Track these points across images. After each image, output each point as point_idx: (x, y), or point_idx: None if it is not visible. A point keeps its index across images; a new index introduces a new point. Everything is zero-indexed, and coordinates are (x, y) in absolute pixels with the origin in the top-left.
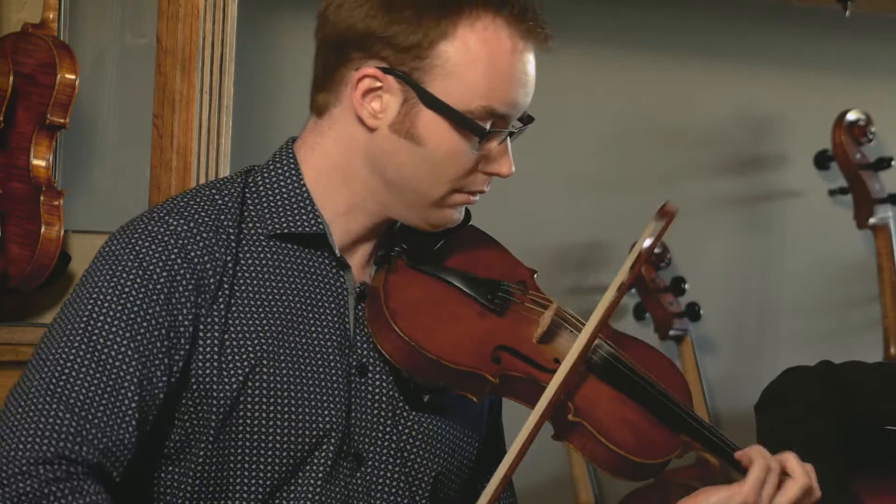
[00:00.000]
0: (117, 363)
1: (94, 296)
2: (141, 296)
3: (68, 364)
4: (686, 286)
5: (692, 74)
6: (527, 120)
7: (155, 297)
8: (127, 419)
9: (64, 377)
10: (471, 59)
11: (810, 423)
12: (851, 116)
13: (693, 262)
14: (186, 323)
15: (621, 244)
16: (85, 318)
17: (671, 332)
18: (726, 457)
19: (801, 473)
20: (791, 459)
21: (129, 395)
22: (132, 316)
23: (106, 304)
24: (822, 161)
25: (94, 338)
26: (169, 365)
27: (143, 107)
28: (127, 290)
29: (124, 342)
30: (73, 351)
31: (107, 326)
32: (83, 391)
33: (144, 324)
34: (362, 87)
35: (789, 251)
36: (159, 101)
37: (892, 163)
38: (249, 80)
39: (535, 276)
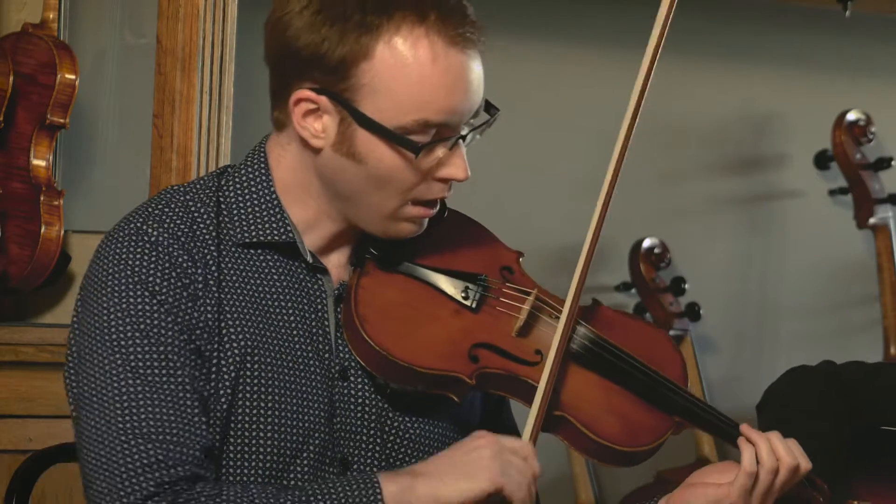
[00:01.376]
0: (165, 378)
1: (114, 324)
2: (155, 310)
3: (125, 398)
4: (686, 286)
5: (692, 74)
6: (492, 112)
7: (167, 308)
8: (197, 424)
9: (128, 412)
10: (395, 74)
11: (812, 424)
12: (851, 116)
13: (693, 262)
14: (201, 325)
15: (622, 244)
16: (117, 348)
17: (671, 332)
18: (722, 434)
19: (785, 455)
20: (776, 442)
21: (189, 402)
22: (157, 332)
23: (129, 328)
24: (822, 161)
25: (135, 364)
26: (200, 364)
27: (143, 107)
28: (141, 307)
29: (162, 357)
30: (122, 384)
31: (140, 349)
32: (151, 418)
33: (169, 334)
34: (300, 110)
35: (789, 251)
36: (159, 101)
37: (892, 163)
38: (249, 80)
39: (521, 259)
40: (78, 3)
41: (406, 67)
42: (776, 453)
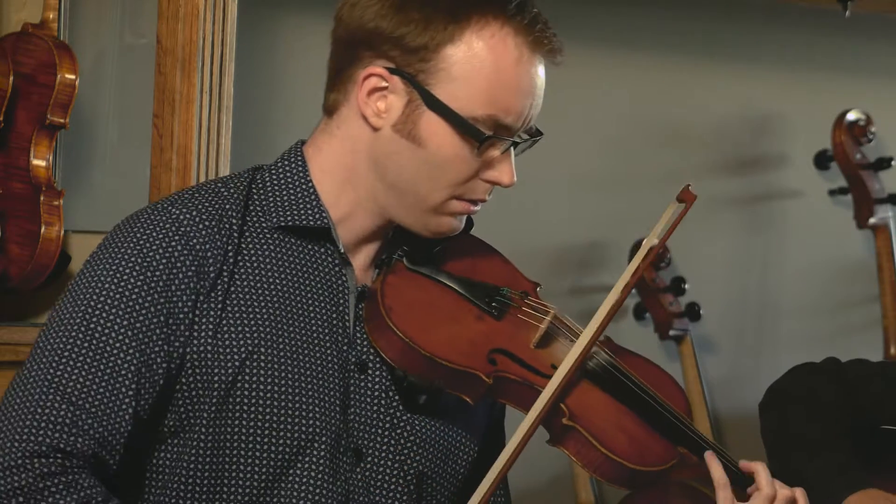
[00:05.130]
0: (115, 351)
1: (94, 285)
2: (140, 284)
3: (66, 353)
4: (686, 286)
5: (692, 74)
6: (534, 133)
7: (154, 285)
8: (124, 407)
9: (62, 367)
10: (476, 65)
11: (816, 423)
12: (851, 116)
13: (693, 262)
14: (186, 310)
15: (622, 244)
16: (83, 307)
17: (671, 332)
18: (725, 471)
19: (779, 485)
20: (761, 473)
21: (127, 382)
22: (131, 304)
23: (105, 293)
24: (822, 161)
25: (93, 326)
26: (168, 352)
27: (143, 107)
28: (125, 278)
29: (122, 330)
30: (72, 340)
31: (105, 314)
32: (80, 380)
33: (143, 311)
34: (368, 86)
35: (789, 251)
36: (159, 101)
37: (892, 163)
38: (249, 80)
39: (539, 289)
40: (78, 3)
41: (489, 61)
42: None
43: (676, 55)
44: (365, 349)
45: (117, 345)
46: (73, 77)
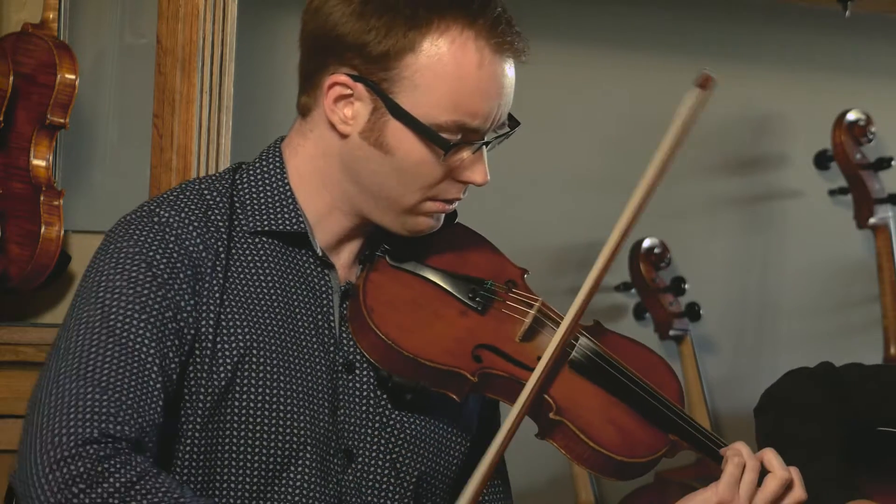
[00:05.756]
0: (138, 345)
1: (105, 284)
2: (148, 281)
3: (93, 350)
4: (686, 286)
5: (692, 74)
6: (512, 124)
7: (160, 282)
8: (154, 398)
9: (91, 363)
10: (438, 71)
11: (810, 427)
12: (851, 116)
13: (693, 262)
14: (189, 308)
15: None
16: (100, 306)
17: (671, 332)
18: (716, 457)
19: (779, 467)
20: (769, 454)
21: (154, 375)
22: (143, 300)
23: (118, 291)
24: (822, 161)
25: (112, 323)
26: (180, 345)
27: (143, 107)
28: (134, 275)
29: (141, 325)
30: (96, 337)
31: (122, 311)
32: (113, 374)
33: (156, 306)
34: (333, 94)
35: (789, 251)
36: (159, 101)
37: (892, 163)
38: (249, 80)
39: (526, 276)
40: (78, 3)
41: (451, 68)
42: (770, 463)
43: (676, 55)
44: (351, 349)
45: (139, 339)
46: (73, 77)
